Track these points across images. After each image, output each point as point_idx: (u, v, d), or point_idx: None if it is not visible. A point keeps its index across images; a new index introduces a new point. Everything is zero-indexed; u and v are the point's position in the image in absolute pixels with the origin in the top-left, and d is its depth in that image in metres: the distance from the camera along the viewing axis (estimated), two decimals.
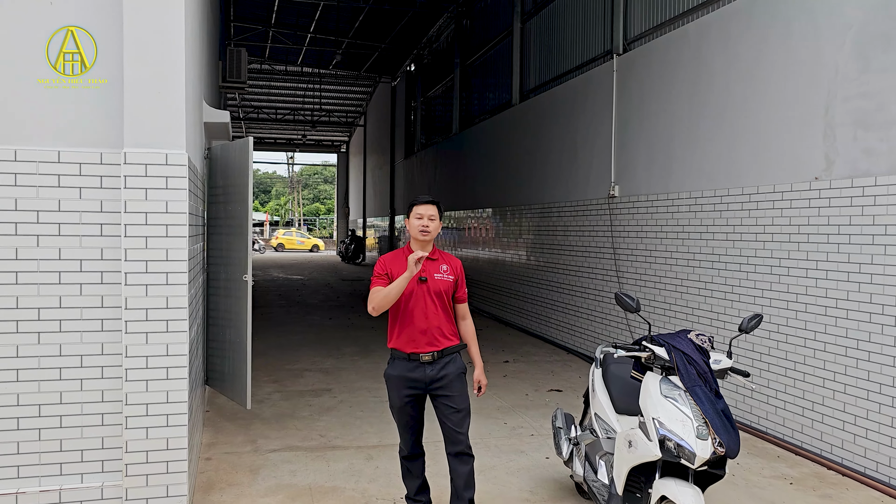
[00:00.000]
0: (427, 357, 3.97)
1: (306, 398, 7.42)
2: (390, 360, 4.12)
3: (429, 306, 4.00)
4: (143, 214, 4.24)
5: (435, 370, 3.99)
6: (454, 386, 4.02)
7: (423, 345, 3.98)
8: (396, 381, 4.05)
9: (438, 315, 4.01)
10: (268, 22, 20.21)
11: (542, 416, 6.81)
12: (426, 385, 4.01)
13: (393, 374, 4.07)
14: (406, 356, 4.01)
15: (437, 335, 4.00)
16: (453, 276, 4.12)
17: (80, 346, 4.29)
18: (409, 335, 4.00)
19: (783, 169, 6.17)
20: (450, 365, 4.02)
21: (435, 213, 4.04)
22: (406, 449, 4.20)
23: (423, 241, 4.04)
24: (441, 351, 4.00)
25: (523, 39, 13.11)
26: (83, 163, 4.26)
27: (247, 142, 5.85)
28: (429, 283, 4.00)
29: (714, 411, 3.48)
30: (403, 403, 4.06)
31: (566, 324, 10.42)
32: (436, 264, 4.09)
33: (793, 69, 6.09)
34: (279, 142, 41.43)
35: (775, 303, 6.22)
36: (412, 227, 4.04)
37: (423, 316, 3.99)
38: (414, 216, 4.04)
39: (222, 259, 6.37)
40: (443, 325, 4.03)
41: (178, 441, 4.34)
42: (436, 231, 4.04)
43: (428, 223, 4.00)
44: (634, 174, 8.62)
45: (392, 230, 26.18)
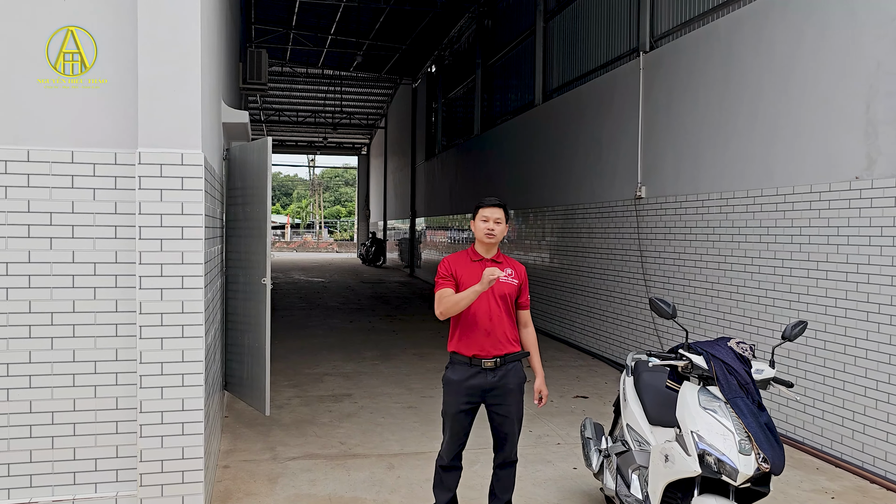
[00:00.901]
0: (489, 363, 3.85)
1: (326, 404, 7.27)
2: (450, 364, 3.99)
3: (493, 309, 3.88)
4: (159, 216, 4.11)
5: (496, 377, 3.87)
6: (513, 395, 3.91)
7: (487, 348, 3.85)
8: (456, 387, 3.91)
9: (502, 318, 3.90)
10: (289, 24, 20.18)
11: (568, 423, 6.60)
12: (484, 393, 3.89)
13: (453, 378, 3.93)
14: (467, 360, 3.88)
15: (501, 339, 3.88)
16: (517, 281, 4.00)
17: (94, 351, 4.18)
18: (471, 338, 3.87)
19: (820, 168, 5.92)
20: (511, 374, 3.90)
21: (501, 215, 3.92)
22: (447, 458, 4.04)
23: (489, 244, 3.94)
24: (504, 356, 3.88)
25: (546, 38, 12.91)
26: (97, 163, 4.15)
27: (265, 142, 5.73)
28: (494, 285, 3.86)
29: (757, 424, 3.27)
30: (458, 411, 3.92)
31: (591, 328, 10.19)
32: (501, 267, 3.96)
33: (830, 64, 5.84)
34: (300, 144, 41.49)
35: (812, 308, 5.97)
36: (478, 230, 3.94)
37: (488, 318, 3.86)
38: (480, 218, 3.94)
39: (241, 262, 6.25)
40: (506, 330, 3.91)
41: (194, 450, 4.20)
42: (501, 234, 3.93)
43: (494, 226, 3.90)
44: (662, 175, 8.39)
45: (413, 233, 26.03)
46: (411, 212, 26.12)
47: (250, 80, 12.80)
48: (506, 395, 3.90)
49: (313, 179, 71.86)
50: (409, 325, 12.98)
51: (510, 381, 3.90)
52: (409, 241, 26.51)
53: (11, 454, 4.11)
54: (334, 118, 33.54)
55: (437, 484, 4.12)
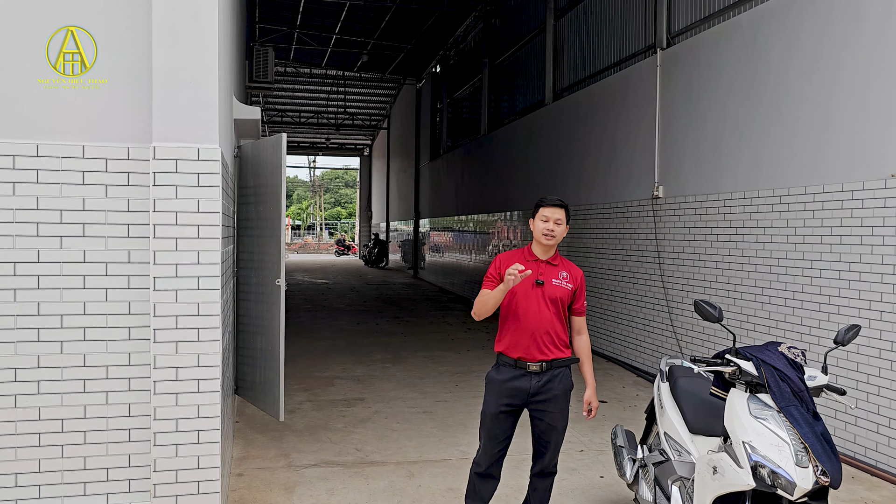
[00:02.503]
0: (535, 367, 3.71)
1: (339, 408, 7.08)
2: (496, 365, 3.85)
3: (542, 311, 3.72)
4: (174, 214, 3.92)
5: (541, 382, 3.72)
6: (558, 403, 3.77)
7: (533, 351, 3.71)
8: (498, 387, 3.78)
9: (552, 321, 3.74)
10: (293, 23, 20.00)
11: (590, 429, 6.41)
12: (527, 397, 3.74)
13: (496, 377, 3.80)
14: (513, 362, 3.74)
15: (548, 342, 3.73)
16: (573, 286, 3.83)
17: (106, 356, 3.98)
18: (517, 339, 3.73)
19: (852, 166, 5.73)
20: (557, 380, 3.75)
21: (562, 216, 3.78)
22: (484, 464, 3.86)
23: (547, 245, 3.80)
24: (550, 361, 3.73)
25: (557, 36, 12.73)
26: (109, 158, 3.95)
27: (280, 138, 5.54)
28: (545, 287, 3.74)
29: (814, 435, 3.08)
30: (498, 411, 3.77)
31: (605, 330, 10.00)
32: (555, 270, 3.81)
33: (863, 56, 5.65)
34: (302, 145, 41.28)
35: (844, 310, 5.78)
36: (536, 230, 3.80)
37: (536, 319, 3.71)
38: (540, 218, 3.80)
39: (254, 262, 6.06)
40: (554, 334, 3.74)
41: (210, 459, 4.01)
42: (561, 235, 3.79)
43: (554, 227, 3.76)
44: (680, 174, 8.20)
45: (416, 234, 25.83)
46: (415, 213, 25.92)
47: (257, 78, 12.57)
48: (549, 402, 3.75)
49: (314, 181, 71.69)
50: (417, 328, 12.78)
51: (556, 386, 3.75)
52: (413, 242, 26.31)
53: (19, 463, 3.91)
54: (337, 119, 33.36)
55: (471, 493, 3.95)
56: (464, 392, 7.80)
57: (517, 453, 4.93)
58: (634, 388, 8.12)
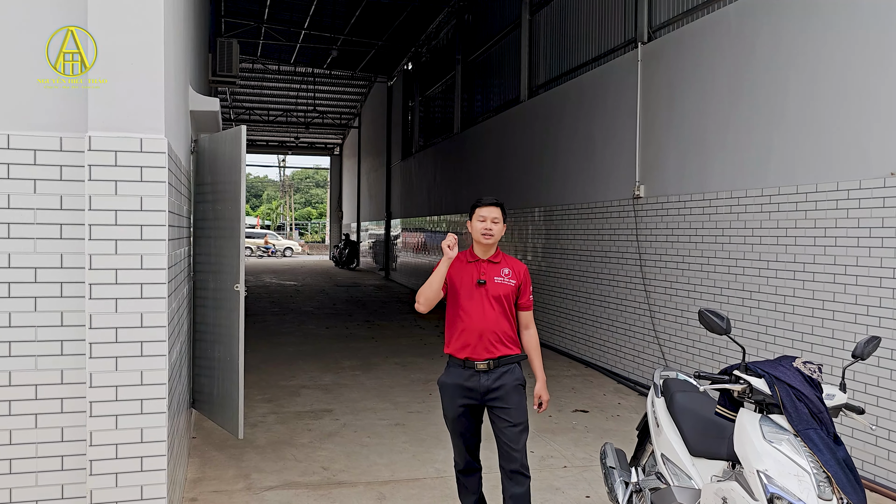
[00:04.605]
0: (482, 365, 3.74)
1: (305, 421, 6.63)
2: (446, 368, 3.91)
3: (486, 310, 3.77)
4: (113, 213, 3.48)
5: (490, 379, 3.75)
6: (511, 398, 3.77)
7: (480, 350, 3.75)
8: (451, 390, 3.84)
9: (498, 320, 3.78)
10: (260, 17, 19.42)
11: (572, 442, 6.05)
12: (482, 395, 3.78)
13: (447, 382, 3.86)
14: (461, 362, 3.80)
15: (494, 341, 3.76)
16: (516, 281, 3.86)
17: (35, 373, 3.51)
18: (464, 340, 3.78)
19: (848, 164, 5.45)
20: (506, 375, 3.77)
21: (499, 215, 3.84)
22: (461, 462, 3.98)
23: (486, 244, 3.84)
24: (497, 359, 3.76)
25: (532, 32, 12.38)
26: (38, 149, 3.49)
27: (239, 131, 5.09)
28: (488, 286, 3.79)
29: (836, 462, 2.74)
30: (457, 414, 3.84)
31: (583, 335, 9.66)
32: (497, 267, 3.86)
33: (860, 50, 5.37)
34: (271, 144, 40.53)
35: (839, 315, 5.49)
36: (475, 230, 3.85)
37: (481, 319, 3.76)
38: (477, 218, 3.85)
39: (211, 266, 5.59)
40: (500, 331, 3.78)
41: (155, 489, 3.56)
42: (499, 234, 3.85)
43: (491, 226, 3.81)
44: (663, 172, 7.89)
45: (388, 235, 25.36)
46: (386, 213, 25.45)
47: (220, 72, 12.05)
48: (503, 397, 3.77)
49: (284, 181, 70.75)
50: (388, 332, 12.35)
51: (506, 381, 3.77)
52: (385, 243, 25.84)
53: None
54: (306, 117, 32.73)
55: (461, 490, 4.05)
56: (437, 402, 7.28)
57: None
58: (616, 396, 7.78)
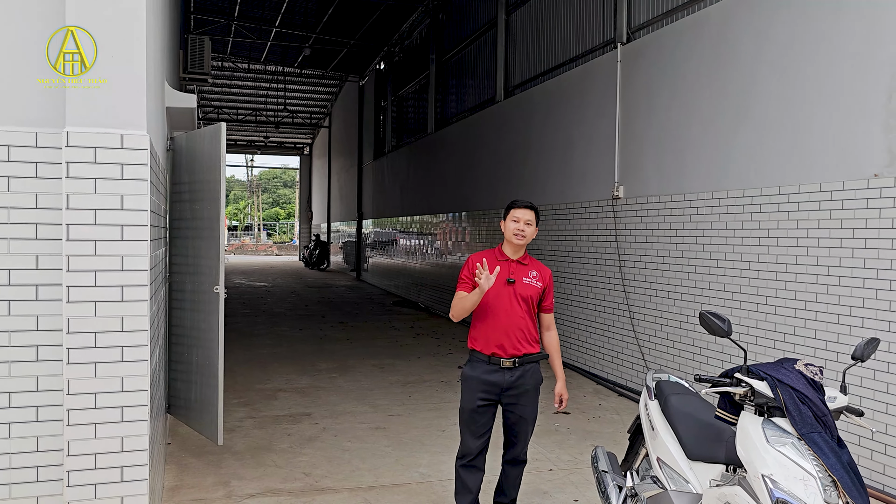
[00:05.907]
0: (508, 363, 3.88)
1: (283, 425, 6.49)
2: (469, 361, 4.02)
3: (514, 309, 3.90)
4: (92, 212, 3.33)
5: (514, 377, 3.89)
6: (529, 396, 3.95)
7: (506, 347, 3.88)
8: (473, 383, 3.94)
9: (523, 319, 3.91)
10: (230, 14, 19.12)
11: (556, 444, 6.00)
12: (501, 391, 3.91)
13: (471, 374, 3.96)
14: (486, 358, 3.91)
15: (520, 339, 3.90)
16: (542, 284, 4.02)
17: (8, 381, 3.35)
18: (490, 336, 3.90)
19: (831, 165, 5.47)
20: (528, 375, 3.93)
21: (532, 218, 3.98)
22: (468, 457, 4.00)
23: (518, 245, 3.99)
24: (522, 357, 3.90)
25: (509, 31, 12.34)
26: (12, 145, 3.32)
27: (219, 128, 4.94)
28: (516, 286, 3.93)
29: (841, 465, 2.70)
30: (476, 406, 3.93)
31: (561, 336, 9.61)
32: (525, 269, 4.01)
33: (843, 51, 5.40)
34: (240, 143, 39.97)
35: (821, 316, 5.52)
36: (507, 230, 3.98)
37: (507, 317, 3.89)
38: (511, 219, 3.98)
39: (189, 267, 5.43)
40: (526, 330, 3.92)
41: (136, 501, 3.42)
42: (531, 236, 4.00)
43: (524, 227, 3.95)
44: (642, 173, 7.89)
45: (359, 235, 25.15)
46: (358, 214, 25.24)
47: (191, 69, 11.83)
48: (522, 396, 3.93)
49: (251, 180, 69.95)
50: (363, 333, 12.21)
51: (527, 381, 3.92)
52: (356, 243, 25.63)
53: None
54: (276, 117, 32.36)
55: (459, 489, 4.03)
56: (418, 405, 7.30)
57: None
58: (596, 398, 7.76)
